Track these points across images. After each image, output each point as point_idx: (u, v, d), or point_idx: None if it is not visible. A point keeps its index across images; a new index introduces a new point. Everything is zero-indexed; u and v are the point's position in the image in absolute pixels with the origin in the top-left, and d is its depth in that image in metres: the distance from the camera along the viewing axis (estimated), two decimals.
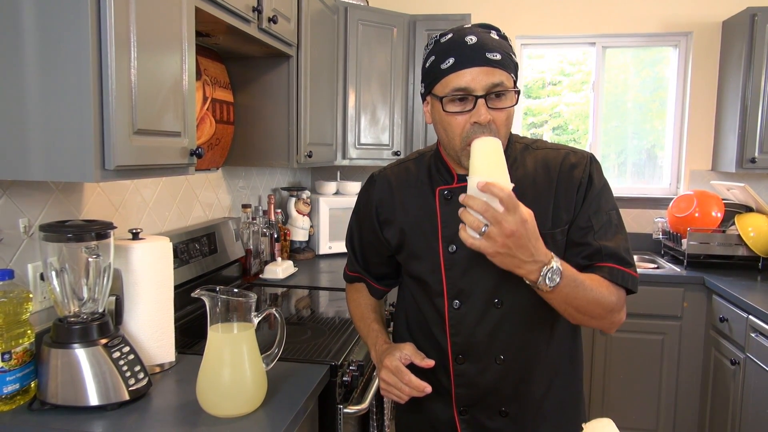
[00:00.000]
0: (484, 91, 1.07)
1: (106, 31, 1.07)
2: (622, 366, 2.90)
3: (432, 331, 1.25)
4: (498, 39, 1.10)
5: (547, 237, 1.15)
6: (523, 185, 1.17)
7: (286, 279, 2.48)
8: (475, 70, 1.07)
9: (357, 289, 1.45)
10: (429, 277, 1.23)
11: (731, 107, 3.10)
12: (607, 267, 1.13)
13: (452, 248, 1.19)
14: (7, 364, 1.17)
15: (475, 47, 1.07)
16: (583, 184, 1.17)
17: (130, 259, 1.35)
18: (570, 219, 1.17)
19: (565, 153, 1.21)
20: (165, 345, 1.41)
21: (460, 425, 1.26)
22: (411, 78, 3.09)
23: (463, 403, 1.25)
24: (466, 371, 1.22)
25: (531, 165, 1.20)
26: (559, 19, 3.37)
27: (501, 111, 1.09)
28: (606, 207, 1.17)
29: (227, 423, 1.15)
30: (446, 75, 1.09)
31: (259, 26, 1.81)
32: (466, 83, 1.07)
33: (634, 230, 3.43)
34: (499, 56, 1.08)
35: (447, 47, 1.10)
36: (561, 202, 1.17)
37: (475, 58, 1.07)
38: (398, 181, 1.29)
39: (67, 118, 1.07)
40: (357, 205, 1.37)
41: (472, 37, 1.08)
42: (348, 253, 1.43)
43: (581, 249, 1.15)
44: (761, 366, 2.23)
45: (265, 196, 2.85)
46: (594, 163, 1.20)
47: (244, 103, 2.26)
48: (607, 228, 1.15)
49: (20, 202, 1.36)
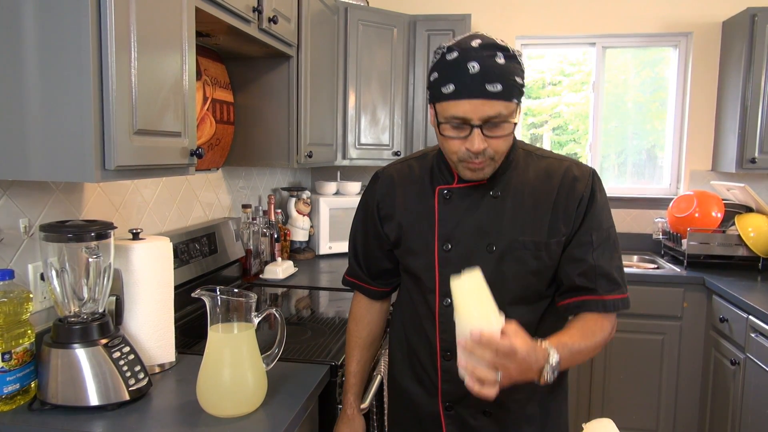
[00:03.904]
0: (480, 122, 1.07)
1: (107, 31, 1.07)
2: (622, 366, 2.90)
3: (423, 326, 1.28)
4: (502, 64, 1.06)
5: (542, 246, 1.18)
6: (523, 192, 1.19)
7: (286, 279, 2.48)
8: (474, 101, 1.06)
9: (355, 309, 1.45)
10: (423, 273, 1.25)
11: (731, 107, 3.10)
12: (600, 301, 1.17)
13: (447, 246, 1.22)
14: (7, 364, 1.17)
15: (476, 77, 1.05)
16: (585, 198, 1.18)
17: (131, 259, 1.35)
18: (568, 231, 1.18)
19: (567, 165, 1.21)
20: (165, 345, 1.41)
21: (444, 420, 1.29)
22: (411, 78, 3.09)
23: (449, 399, 1.27)
24: (452, 368, 1.24)
25: (532, 173, 1.21)
26: (559, 19, 3.37)
27: (497, 138, 1.10)
28: (606, 224, 1.20)
29: (227, 423, 1.15)
30: (445, 100, 1.08)
31: (259, 26, 1.81)
32: (464, 113, 1.07)
33: (634, 230, 3.43)
34: (500, 87, 1.05)
35: (450, 70, 1.08)
36: (560, 213, 1.18)
37: (474, 90, 1.05)
38: (400, 178, 1.31)
39: (68, 118, 1.07)
40: (361, 201, 1.39)
41: (475, 64, 1.05)
42: (349, 253, 1.43)
43: (578, 265, 1.18)
44: (761, 366, 2.23)
45: (265, 196, 2.85)
46: (596, 178, 1.22)
47: (244, 103, 2.26)
48: (606, 245, 1.18)
49: (20, 202, 1.36)
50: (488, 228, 1.19)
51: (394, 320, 1.42)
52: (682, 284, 2.83)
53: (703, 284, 2.79)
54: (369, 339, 1.44)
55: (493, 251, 1.19)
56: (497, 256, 1.18)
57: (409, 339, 1.34)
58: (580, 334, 1.13)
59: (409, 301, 1.33)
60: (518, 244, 1.18)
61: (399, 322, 1.39)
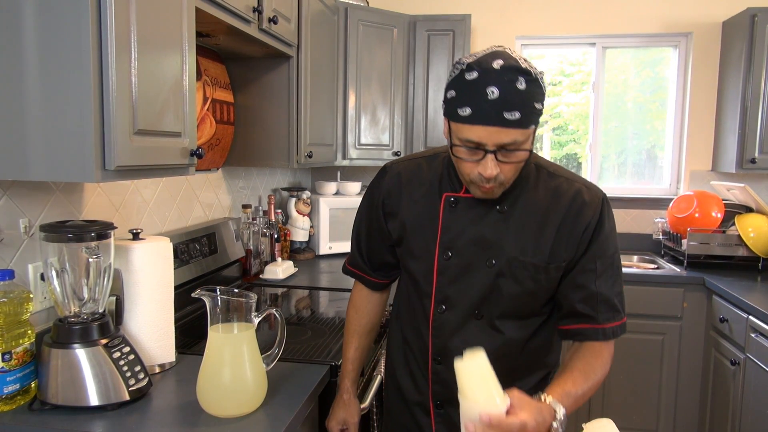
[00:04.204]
0: (494, 148, 1.05)
1: (107, 32, 1.07)
2: (622, 366, 2.90)
3: (419, 327, 1.30)
4: (523, 89, 1.02)
5: (541, 270, 1.17)
6: (529, 211, 1.18)
7: (286, 279, 2.48)
8: (490, 128, 1.03)
9: (355, 297, 1.47)
10: (421, 278, 1.26)
11: (731, 107, 3.10)
12: (600, 330, 1.17)
13: (447, 255, 1.21)
14: (7, 365, 1.17)
15: (494, 104, 1.01)
16: (591, 226, 1.16)
17: (131, 260, 1.35)
18: (570, 258, 1.17)
19: (578, 188, 1.19)
20: (165, 345, 1.41)
21: (434, 418, 1.31)
22: (411, 78, 3.09)
23: (439, 398, 1.30)
24: (442, 372, 1.28)
25: (542, 191, 1.19)
26: (559, 20, 3.37)
27: (510, 164, 1.08)
28: (610, 251, 1.18)
29: (227, 423, 1.15)
30: (461, 122, 1.06)
31: (259, 27, 1.81)
32: (478, 138, 1.04)
33: (634, 231, 3.43)
34: (518, 115, 1.02)
35: (468, 92, 1.04)
36: (563, 238, 1.17)
37: (492, 117, 1.02)
38: (408, 176, 1.29)
39: (68, 119, 1.07)
40: (367, 191, 1.38)
41: (494, 89, 1.01)
42: (352, 242, 1.43)
43: (580, 292, 1.18)
44: (761, 366, 2.23)
45: (265, 196, 2.85)
46: (606, 205, 1.19)
47: (244, 103, 2.26)
48: (609, 272, 1.18)
49: (21, 202, 1.36)
50: (490, 242, 1.18)
51: (394, 312, 1.44)
52: (682, 284, 2.83)
53: (703, 284, 2.79)
54: (368, 327, 1.45)
55: (493, 265, 1.18)
56: (496, 271, 1.18)
57: (405, 334, 1.36)
58: (583, 377, 1.13)
59: (407, 299, 1.34)
60: (518, 263, 1.17)
61: (397, 314, 1.41)
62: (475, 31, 3.39)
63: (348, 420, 1.41)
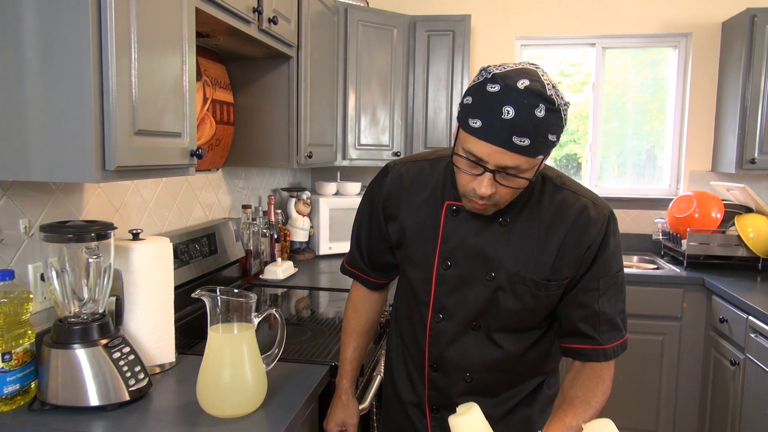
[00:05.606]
0: (495, 168, 1.01)
1: (107, 32, 1.07)
2: (622, 366, 2.90)
3: (416, 333, 1.30)
4: (540, 117, 0.97)
5: (541, 287, 1.14)
6: (532, 226, 1.14)
7: (286, 279, 2.48)
8: (495, 148, 0.98)
9: (354, 297, 1.46)
10: (419, 286, 1.24)
11: (731, 108, 3.10)
12: (602, 351, 1.14)
13: (447, 264, 1.19)
14: (7, 365, 1.17)
15: (506, 125, 0.96)
16: (595, 245, 1.12)
17: (131, 260, 1.35)
18: (572, 276, 1.14)
19: (584, 203, 1.14)
20: (165, 345, 1.41)
21: (431, 422, 1.32)
22: (411, 79, 3.09)
23: (435, 403, 1.31)
24: (438, 379, 1.28)
25: (546, 204, 1.15)
26: (559, 20, 3.37)
27: (507, 188, 1.05)
28: (614, 269, 1.15)
29: (227, 423, 1.15)
30: (468, 132, 1.01)
31: (259, 27, 1.81)
32: (481, 154, 1.00)
33: (634, 231, 3.44)
34: (528, 142, 0.97)
35: (483, 104, 0.99)
36: (566, 255, 1.13)
37: (499, 137, 0.97)
38: (410, 178, 1.26)
39: (68, 119, 1.07)
40: (368, 190, 1.35)
41: (511, 109, 0.96)
42: (351, 241, 1.41)
43: (582, 311, 1.15)
44: (761, 366, 2.24)
45: (265, 196, 2.85)
46: (612, 222, 1.14)
47: (244, 103, 2.26)
48: (612, 291, 1.15)
49: (20, 202, 1.36)
50: (491, 255, 1.15)
51: (393, 312, 1.43)
52: (682, 285, 2.83)
53: (702, 285, 2.79)
54: (367, 326, 1.44)
55: (492, 279, 1.16)
56: (495, 285, 1.16)
57: (403, 337, 1.37)
58: (584, 406, 1.11)
59: (406, 303, 1.33)
60: (518, 278, 1.14)
61: (396, 316, 1.40)
62: (475, 32, 3.39)
63: (347, 421, 1.41)
